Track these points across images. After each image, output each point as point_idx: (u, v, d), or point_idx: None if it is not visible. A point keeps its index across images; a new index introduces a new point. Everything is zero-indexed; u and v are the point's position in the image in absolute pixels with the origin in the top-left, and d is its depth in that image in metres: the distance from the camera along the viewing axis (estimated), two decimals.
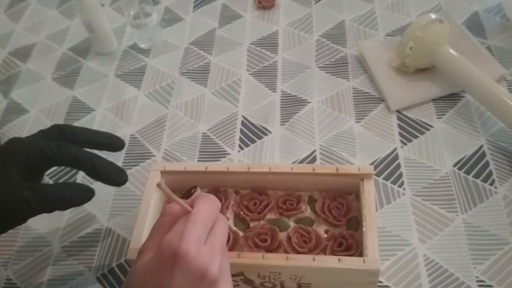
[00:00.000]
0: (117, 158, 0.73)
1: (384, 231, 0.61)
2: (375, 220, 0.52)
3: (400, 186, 0.65)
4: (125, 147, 0.74)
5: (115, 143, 0.56)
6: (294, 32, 0.88)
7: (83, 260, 0.63)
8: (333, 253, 0.53)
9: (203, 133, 0.75)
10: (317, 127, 0.73)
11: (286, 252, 0.54)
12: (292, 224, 0.57)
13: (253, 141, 0.73)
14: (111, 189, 0.69)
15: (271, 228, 0.56)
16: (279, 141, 0.72)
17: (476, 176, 0.65)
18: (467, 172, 0.65)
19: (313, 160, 0.69)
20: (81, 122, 0.79)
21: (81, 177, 0.72)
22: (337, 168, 0.57)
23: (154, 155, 0.73)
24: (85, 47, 0.92)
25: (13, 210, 0.46)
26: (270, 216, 0.58)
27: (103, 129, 0.78)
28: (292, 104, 0.77)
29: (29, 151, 0.49)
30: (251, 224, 0.58)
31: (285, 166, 0.58)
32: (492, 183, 0.64)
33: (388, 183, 0.66)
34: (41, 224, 0.68)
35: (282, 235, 0.56)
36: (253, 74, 0.82)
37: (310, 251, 0.54)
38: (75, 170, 0.73)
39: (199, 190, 0.47)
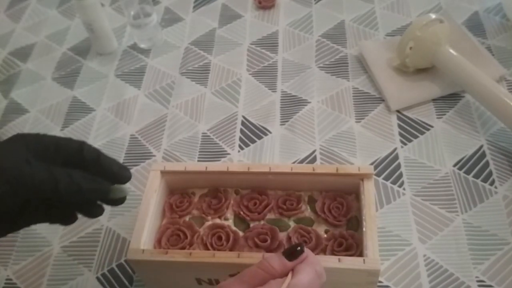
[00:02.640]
0: (117, 159, 0.73)
1: (384, 231, 0.61)
2: (375, 220, 0.52)
3: (400, 186, 0.65)
4: (125, 147, 0.75)
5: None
6: (294, 32, 0.88)
7: (83, 260, 0.63)
8: (333, 253, 0.53)
9: (203, 133, 0.75)
10: (317, 127, 0.73)
11: None
12: (292, 224, 0.57)
13: (253, 141, 0.73)
14: None
15: (271, 228, 0.56)
16: (279, 141, 0.72)
17: (476, 176, 0.65)
18: (467, 172, 0.65)
19: (313, 160, 0.69)
20: (81, 122, 0.79)
21: None
22: (337, 168, 0.57)
23: (154, 155, 0.73)
24: (85, 47, 0.92)
25: (37, 191, 0.43)
26: (270, 216, 0.58)
27: (103, 129, 0.78)
28: (292, 104, 0.77)
29: (40, 137, 0.47)
30: (251, 224, 0.58)
31: (285, 166, 0.58)
32: (492, 183, 0.64)
33: (388, 183, 0.66)
34: (41, 224, 0.67)
35: (282, 235, 0.56)
36: (253, 74, 0.82)
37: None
38: None
39: (306, 251, 0.41)
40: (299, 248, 0.41)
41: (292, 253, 0.41)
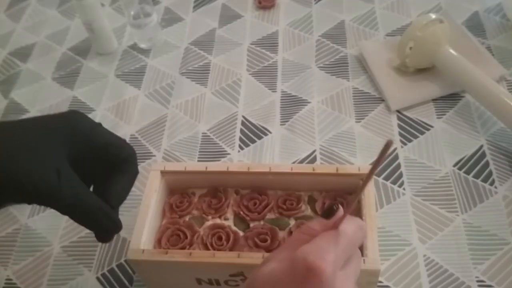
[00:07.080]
0: None
1: (384, 231, 0.61)
2: (375, 220, 0.52)
3: (400, 186, 0.65)
4: None
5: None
6: (294, 32, 0.88)
7: (83, 260, 0.63)
8: None
9: (203, 133, 0.75)
10: (317, 127, 0.73)
11: None
12: (292, 223, 0.57)
13: (253, 141, 0.73)
14: None
15: (271, 228, 0.56)
16: (279, 141, 0.72)
17: (476, 176, 0.65)
18: (467, 172, 0.65)
19: (313, 160, 0.69)
20: None
21: None
22: (337, 168, 0.57)
23: (154, 155, 0.73)
24: (85, 47, 0.92)
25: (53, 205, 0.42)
26: (270, 216, 0.58)
27: None
28: (292, 104, 0.77)
29: (94, 133, 0.45)
30: (251, 224, 0.58)
31: (285, 166, 0.58)
32: (492, 183, 0.64)
33: (388, 183, 0.66)
34: (41, 224, 0.68)
35: (282, 234, 0.56)
36: (253, 74, 0.82)
37: None
38: None
39: (341, 208, 0.41)
40: (334, 207, 0.40)
41: (329, 212, 0.40)
